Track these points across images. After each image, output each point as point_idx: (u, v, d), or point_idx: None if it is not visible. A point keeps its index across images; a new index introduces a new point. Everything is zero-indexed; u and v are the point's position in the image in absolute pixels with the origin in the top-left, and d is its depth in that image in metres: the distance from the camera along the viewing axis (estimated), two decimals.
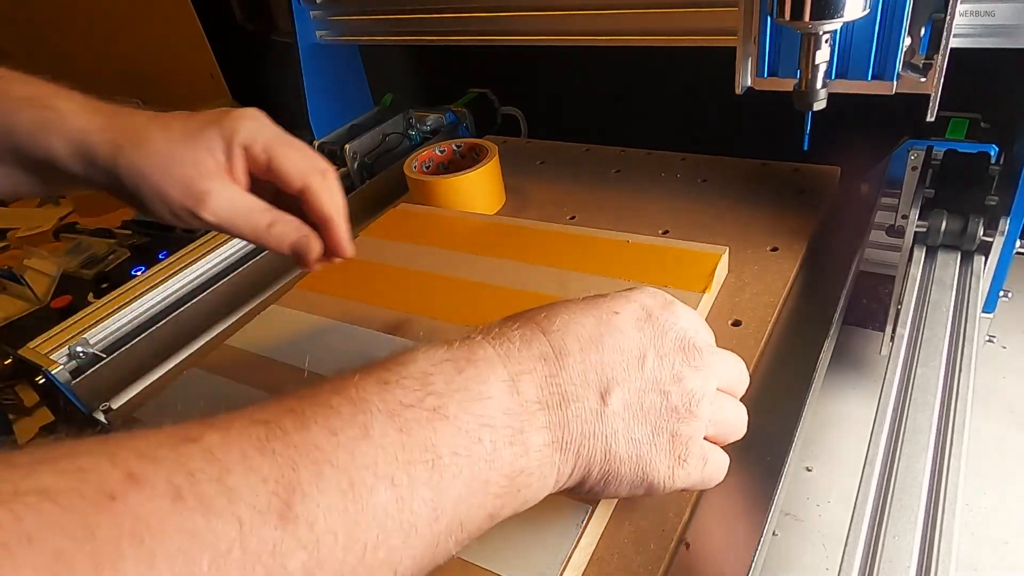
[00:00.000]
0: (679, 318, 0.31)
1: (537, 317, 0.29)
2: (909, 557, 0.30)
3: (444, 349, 0.27)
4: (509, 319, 0.30)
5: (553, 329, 0.29)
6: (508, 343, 0.28)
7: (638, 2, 0.55)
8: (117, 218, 1.05)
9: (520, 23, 0.62)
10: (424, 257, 0.55)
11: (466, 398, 0.25)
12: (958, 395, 0.37)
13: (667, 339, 0.30)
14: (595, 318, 0.29)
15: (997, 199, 0.46)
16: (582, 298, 0.31)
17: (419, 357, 0.26)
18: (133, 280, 0.61)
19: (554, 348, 0.28)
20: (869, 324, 0.59)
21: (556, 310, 0.30)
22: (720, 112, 0.59)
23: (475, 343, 0.28)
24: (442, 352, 0.27)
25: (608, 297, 0.31)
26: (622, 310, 0.30)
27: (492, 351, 0.27)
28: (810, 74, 0.40)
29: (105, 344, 0.54)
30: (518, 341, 0.28)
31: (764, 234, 0.52)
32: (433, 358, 0.26)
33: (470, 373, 0.26)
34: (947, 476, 0.33)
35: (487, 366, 0.27)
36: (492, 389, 0.26)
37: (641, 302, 0.30)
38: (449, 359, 0.26)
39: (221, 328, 0.56)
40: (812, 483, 0.48)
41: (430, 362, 0.26)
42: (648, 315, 0.30)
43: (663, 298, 0.31)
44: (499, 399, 0.26)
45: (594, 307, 0.30)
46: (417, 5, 0.67)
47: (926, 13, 0.38)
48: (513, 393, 0.26)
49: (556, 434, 0.27)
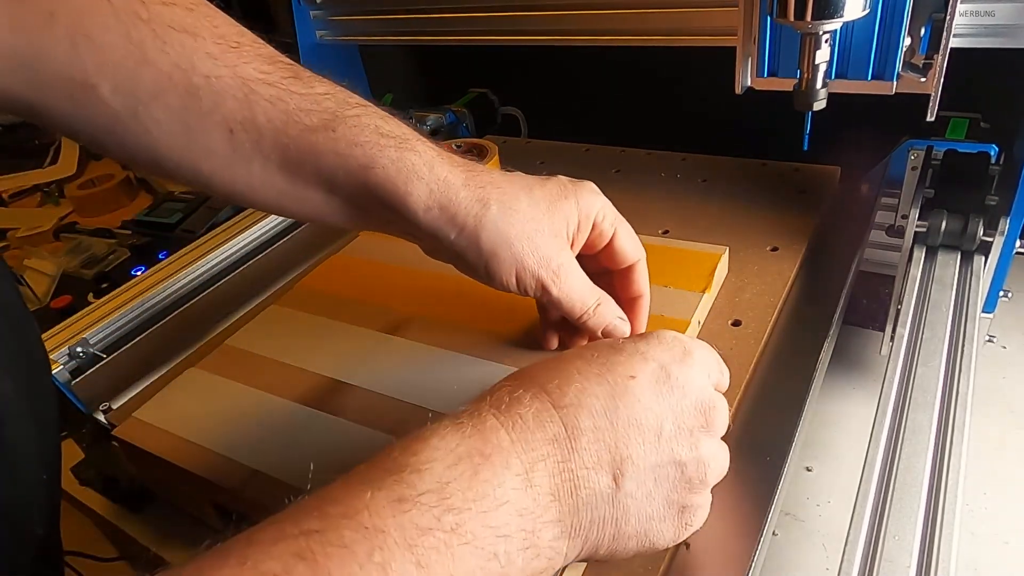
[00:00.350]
0: (697, 372, 0.30)
1: (548, 385, 0.28)
2: (909, 557, 0.30)
3: (458, 434, 0.26)
4: (519, 383, 0.29)
5: (565, 403, 0.28)
6: (521, 423, 0.27)
7: (638, 2, 0.55)
8: (117, 218, 1.05)
9: (520, 23, 0.62)
10: (424, 257, 0.55)
11: (483, 508, 0.25)
12: (958, 395, 0.37)
13: (686, 403, 0.29)
14: (610, 386, 0.28)
15: (997, 199, 0.46)
16: (597, 354, 0.30)
17: (434, 457, 0.25)
18: (133, 280, 0.61)
19: (567, 427, 0.27)
20: (869, 324, 0.59)
21: (569, 376, 0.29)
22: (720, 112, 0.59)
23: (487, 426, 0.27)
24: (455, 438, 0.26)
25: (624, 354, 0.30)
26: (639, 373, 0.29)
27: (505, 437, 0.27)
28: (810, 74, 0.40)
29: (105, 344, 0.54)
30: (531, 420, 0.27)
31: (764, 234, 0.52)
32: (448, 455, 0.25)
33: (486, 475, 0.25)
34: (947, 476, 0.33)
35: (501, 461, 0.26)
36: (508, 492, 0.25)
37: (659, 360, 0.30)
38: (465, 455, 0.25)
39: (221, 328, 0.57)
40: (812, 483, 0.48)
41: (445, 463, 0.25)
42: (667, 375, 0.29)
43: (681, 348, 0.31)
44: (514, 501, 0.25)
45: (609, 371, 0.29)
46: (417, 5, 0.67)
47: (926, 13, 0.38)
48: (527, 487, 0.26)
49: (566, 524, 0.27)
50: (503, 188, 0.36)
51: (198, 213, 0.90)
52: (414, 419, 0.40)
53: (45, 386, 0.39)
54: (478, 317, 0.47)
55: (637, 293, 0.41)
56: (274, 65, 0.34)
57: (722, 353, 0.42)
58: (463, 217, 0.35)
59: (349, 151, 0.34)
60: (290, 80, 0.34)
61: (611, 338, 0.33)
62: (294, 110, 0.33)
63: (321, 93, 0.34)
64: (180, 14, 0.32)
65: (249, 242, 0.66)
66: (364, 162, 0.34)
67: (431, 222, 0.35)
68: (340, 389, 0.44)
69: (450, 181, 0.35)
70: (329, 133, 0.34)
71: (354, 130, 0.34)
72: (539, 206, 0.36)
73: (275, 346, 0.49)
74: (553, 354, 0.42)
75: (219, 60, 0.32)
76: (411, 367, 0.44)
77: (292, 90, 0.34)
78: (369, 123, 0.35)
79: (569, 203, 0.37)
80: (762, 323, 0.44)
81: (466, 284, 0.51)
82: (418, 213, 0.35)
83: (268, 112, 0.33)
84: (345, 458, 0.39)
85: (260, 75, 0.33)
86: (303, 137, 0.34)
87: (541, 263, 0.36)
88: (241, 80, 0.33)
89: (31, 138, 1.37)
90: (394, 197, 0.34)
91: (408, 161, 0.34)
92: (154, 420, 0.45)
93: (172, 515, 0.49)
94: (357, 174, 0.34)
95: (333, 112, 0.34)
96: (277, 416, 0.43)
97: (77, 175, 1.24)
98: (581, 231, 0.38)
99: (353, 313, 0.50)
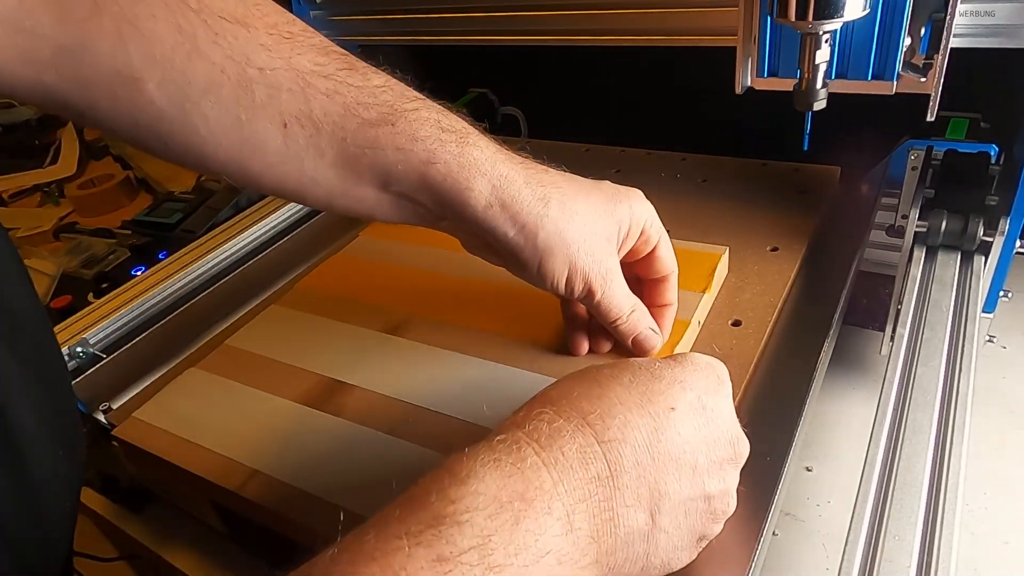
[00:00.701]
0: (727, 402, 0.30)
1: (590, 416, 0.27)
2: (909, 557, 0.30)
3: (497, 474, 0.25)
4: (557, 409, 0.28)
5: (608, 438, 0.27)
6: (563, 460, 0.26)
7: (638, 2, 0.55)
8: (117, 218, 1.05)
9: (520, 23, 0.62)
10: (424, 257, 0.55)
11: (525, 561, 0.23)
12: (958, 395, 0.37)
13: (719, 434, 0.29)
14: (652, 418, 0.28)
15: (997, 199, 0.46)
16: (634, 380, 0.29)
17: (475, 506, 0.23)
18: (133, 280, 0.61)
19: (610, 465, 0.26)
20: (869, 324, 0.59)
21: (611, 406, 0.28)
22: (720, 112, 0.59)
23: (527, 464, 0.25)
24: (495, 480, 0.24)
25: (663, 382, 0.29)
26: (678, 404, 0.28)
27: (547, 477, 0.25)
28: (810, 74, 0.40)
29: (105, 344, 0.54)
30: (574, 457, 0.26)
31: (764, 234, 0.52)
32: (489, 503, 0.24)
33: (528, 524, 0.24)
34: (947, 476, 0.33)
35: (543, 507, 0.24)
36: (549, 541, 0.24)
37: (696, 390, 0.29)
38: (506, 501, 0.24)
39: (221, 328, 0.56)
40: (812, 483, 0.48)
41: (487, 512, 0.23)
42: (703, 407, 0.29)
43: (715, 377, 0.30)
44: (556, 550, 0.24)
45: (650, 402, 0.28)
46: (417, 5, 0.67)
47: (926, 13, 0.38)
48: (568, 532, 0.25)
49: (602, 564, 0.26)
50: (562, 188, 0.36)
51: (198, 213, 0.90)
52: (414, 419, 0.40)
53: (70, 411, 0.37)
54: (478, 317, 0.47)
55: (667, 302, 0.41)
56: (328, 56, 0.33)
57: (722, 353, 0.42)
58: (524, 215, 0.34)
59: (410, 146, 0.33)
60: (346, 72, 0.33)
61: (643, 358, 0.32)
62: (352, 103, 0.32)
63: (378, 85, 0.34)
64: (231, 3, 0.31)
65: (249, 242, 0.66)
66: (425, 157, 0.33)
67: (490, 219, 0.34)
68: (340, 389, 0.44)
69: (511, 178, 0.34)
70: (389, 127, 0.33)
71: (414, 124, 0.33)
72: (596, 209, 0.36)
73: (275, 346, 0.49)
74: (568, 359, 0.42)
75: (273, 52, 0.31)
76: (411, 367, 0.44)
77: (349, 82, 0.33)
78: (429, 117, 0.34)
79: (623, 208, 0.37)
80: (762, 323, 0.44)
81: (466, 284, 0.51)
82: (477, 210, 0.34)
83: (325, 105, 0.32)
84: (345, 458, 0.39)
85: (315, 67, 0.32)
86: (361, 131, 0.33)
87: (593, 266, 0.36)
88: (296, 72, 0.31)
89: (31, 138, 1.37)
90: (453, 193, 0.34)
91: (470, 157, 0.34)
92: (154, 420, 0.45)
93: (172, 515, 0.49)
94: (416, 169, 0.33)
95: (392, 106, 0.33)
96: (277, 416, 0.43)
97: (77, 175, 1.24)
98: (630, 237, 0.38)
99: (353, 313, 0.50)
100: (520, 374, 0.42)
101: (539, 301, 0.47)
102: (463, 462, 0.25)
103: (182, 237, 0.85)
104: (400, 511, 0.24)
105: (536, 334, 0.45)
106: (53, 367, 0.36)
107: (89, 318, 0.56)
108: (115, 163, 1.21)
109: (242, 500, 0.38)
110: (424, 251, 0.56)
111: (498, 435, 0.27)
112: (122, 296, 0.58)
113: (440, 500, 0.24)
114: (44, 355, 0.35)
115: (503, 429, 0.27)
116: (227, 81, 0.30)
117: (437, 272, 0.53)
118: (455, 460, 0.25)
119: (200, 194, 0.95)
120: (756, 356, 0.42)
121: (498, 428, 0.28)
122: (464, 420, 0.40)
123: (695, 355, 0.31)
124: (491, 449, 0.26)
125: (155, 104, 0.30)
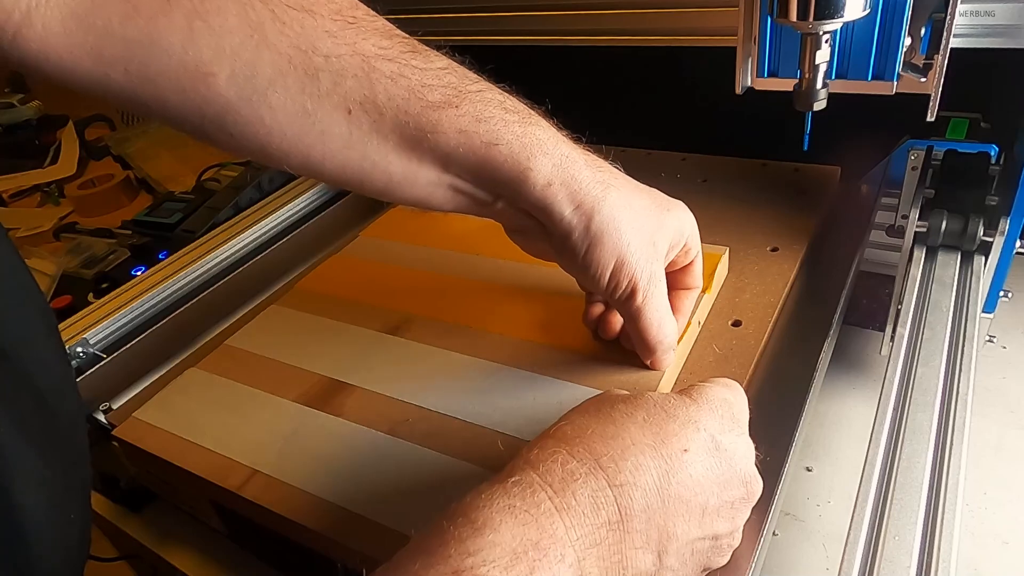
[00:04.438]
0: (743, 440, 0.30)
1: (603, 459, 0.27)
2: (909, 557, 0.30)
3: (512, 521, 0.25)
4: (571, 449, 0.27)
5: (620, 482, 0.27)
6: (575, 505, 0.26)
7: (638, 2, 0.55)
8: (117, 218, 1.05)
9: (520, 23, 0.62)
10: (424, 257, 0.55)
11: None
12: (958, 395, 0.37)
13: (731, 475, 0.29)
14: (664, 460, 0.27)
15: (997, 199, 0.46)
16: (648, 418, 0.29)
17: (491, 558, 0.24)
18: (133, 280, 0.61)
19: (621, 509, 0.26)
20: (869, 324, 0.59)
21: (623, 447, 0.27)
22: (720, 112, 0.59)
23: (541, 511, 0.25)
24: (510, 529, 0.24)
25: (677, 422, 0.29)
26: (691, 445, 0.28)
27: (560, 524, 0.25)
28: (810, 74, 0.40)
29: (105, 344, 0.54)
30: (586, 502, 0.26)
31: (764, 234, 0.52)
32: (504, 555, 0.24)
33: (542, 574, 0.24)
34: (947, 476, 0.33)
35: (556, 554, 0.25)
36: None
37: (710, 430, 0.29)
38: (521, 551, 0.24)
39: (221, 328, 0.57)
40: (812, 483, 0.48)
41: (502, 565, 0.24)
42: (716, 447, 0.29)
43: (729, 415, 0.30)
44: None
45: (663, 443, 0.28)
46: (418, 5, 0.67)
47: (926, 13, 0.38)
48: None
49: None
50: (620, 179, 0.36)
51: (198, 213, 0.90)
52: (414, 419, 0.40)
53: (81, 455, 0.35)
54: (478, 317, 0.47)
55: (681, 312, 0.41)
56: (392, 39, 0.33)
57: (722, 353, 0.42)
58: (583, 195, 0.34)
59: (474, 128, 0.33)
60: (410, 55, 0.33)
61: (659, 393, 0.31)
62: (416, 86, 0.32)
63: (442, 67, 0.33)
64: None
65: (249, 242, 0.66)
66: (488, 139, 0.33)
67: (549, 197, 0.34)
68: (340, 389, 0.44)
69: (574, 158, 0.34)
70: (453, 110, 0.33)
71: (479, 106, 0.33)
72: (649, 211, 0.36)
73: (275, 346, 0.49)
74: (568, 359, 0.42)
75: (338, 38, 0.31)
76: (411, 367, 0.44)
77: (413, 64, 0.32)
78: (493, 98, 0.34)
79: (672, 216, 0.37)
80: (762, 323, 0.44)
81: (466, 284, 0.51)
82: (536, 187, 0.34)
83: (389, 89, 0.32)
84: (345, 458, 0.39)
85: (379, 51, 0.32)
86: (424, 114, 0.32)
87: (641, 265, 0.35)
88: (361, 57, 0.31)
89: (31, 138, 1.38)
90: (514, 172, 0.33)
91: (533, 136, 0.34)
92: (154, 420, 0.45)
93: (172, 515, 0.49)
94: (478, 151, 0.33)
95: (456, 87, 0.33)
96: (277, 416, 0.43)
97: (77, 175, 1.24)
98: (673, 248, 0.38)
99: (353, 313, 0.50)
100: (520, 374, 0.42)
101: (539, 301, 0.47)
102: (479, 508, 0.25)
103: (182, 237, 0.85)
104: (419, 564, 0.24)
105: (537, 334, 0.45)
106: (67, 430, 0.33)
107: (89, 318, 0.56)
108: (115, 163, 1.21)
109: (242, 500, 0.38)
110: (424, 251, 0.56)
111: (512, 476, 0.27)
112: (122, 296, 0.58)
113: (458, 554, 0.24)
114: (59, 421, 0.32)
115: (517, 468, 0.27)
116: (293, 71, 0.30)
117: (437, 272, 0.53)
118: (472, 504, 0.26)
119: (200, 194, 0.95)
120: (756, 356, 0.42)
121: (513, 466, 0.28)
122: (464, 420, 0.40)
123: (711, 390, 0.31)
124: (506, 493, 0.26)
125: (223, 96, 0.29)
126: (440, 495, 0.35)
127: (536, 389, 0.41)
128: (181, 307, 0.57)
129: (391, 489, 0.36)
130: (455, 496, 0.27)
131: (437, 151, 0.33)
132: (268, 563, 0.45)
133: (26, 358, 0.29)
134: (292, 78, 0.30)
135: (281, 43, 0.30)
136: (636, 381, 0.40)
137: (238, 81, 0.29)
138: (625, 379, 0.40)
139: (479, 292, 0.50)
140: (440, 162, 0.34)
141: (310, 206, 0.71)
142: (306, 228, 0.68)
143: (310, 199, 0.72)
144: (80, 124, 1.36)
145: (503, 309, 0.48)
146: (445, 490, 0.36)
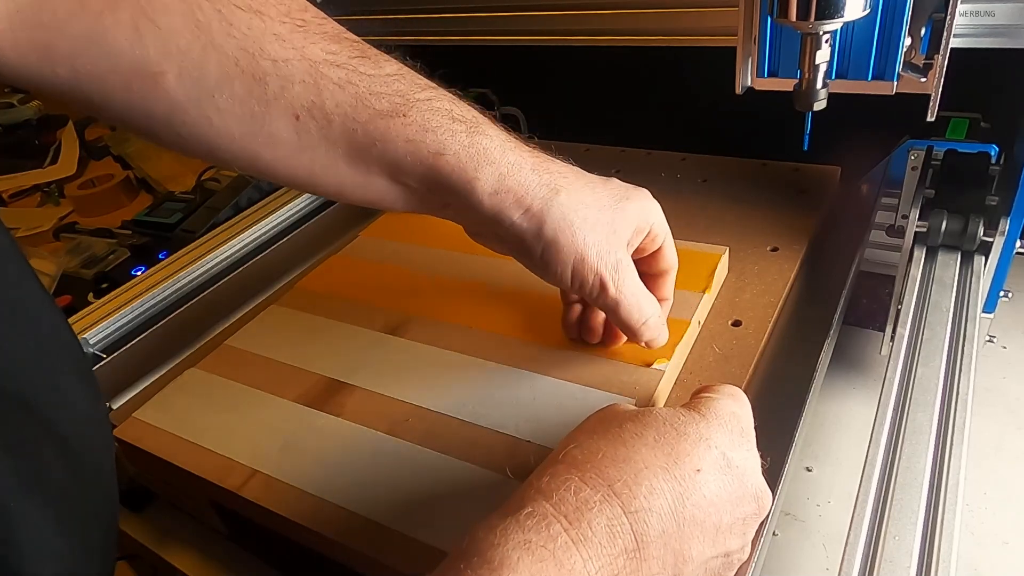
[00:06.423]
0: (752, 454, 0.30)
1: (616, 485, 0.27)
2: (909, 557, 0.30)
3: (529, 559, 0.24)
4: (583, 476, 0.27)
5: (635, 508, 0.26)
6: (591, 535, 0.25)
7: (638, 2, 0.55)
8: (117, 218, 1.05)
9: (520, 23, 0.62)
10: (424, 257, 0.55)
11: None
12: (958, 395, 0.37)
13: (743, 491, 0.29)
14: (678, 482, 0.27)
15: (997, 199, 0.46)
16: (659, 438, 0.28)
17: None
18: (133, 280, 0.61)
19: (636, 536, 0.26)
20: (869, 324, 0.59)
21: (636, 471, 0.27)
22: (720, 112, 0.59)
23: (557, 544, 0.25)
24: (528, 568, 0.24)
25: (688, 441, 0.28)
26: (703, 465, 0.28)
27: (578, 558, 0.25)
28: (810, 74, 0.40)
29: (105, 344, 0.54)
30: (602, 531, 0.25)
31: (764, 234, 0.52)
32: None
33: None
34: (947, 476, 0.33)
35: None
36: None
37: (721, 447, 0.29)
38: None
39: (221, 328, 0.56)
40: (812, 483, 0.48)
41: None
42: (728, 464, 0.28)
43: (738, 429, 0.30)
44: None
45: (675, 464, 0.28)
46: (417, 5, 0.67)
47: (926, 13, 0.38)
48: None
49: None
50: (570, 179, 0.36)
51: (198, 213, 0.90)
52: (414, 419, 0.40)
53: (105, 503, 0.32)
54: (478, 317, 0.47)
55: (664, 297, 0.41)
56: (340, 43, 0.32)
57: (722, 353, 0.42)
58: (530, 200, 0.34)
59: (420, 137, 0.33)
60: (358, 60, 0.32)
61: (666, 409, 0.30)
62: (364, 94, 0.32)
63: (390, 74, 0.33)
64: None
65: (249, 242, 0.66)
66: (435, 149, 0.33)
67: (496, 204, 0.34)
68: (340, 389, 0.44)
69: (520, 165, 0.34)
70: (401, 119, 0.32)
71: (426, 115, 0.33)
72: (604, 203, 0.36)
73: (275, 346, 0.49)
74: (567, 360, 0.42)
75: (287, 42, 0.30)
76: (411, 367, 0.44)
77: (362, 71, 0.32)
78: (441, 107, 0.34)
79: (632, 205, 0.37)
80: (762, 323, 0.44)
81: (466, 284, 0.51)
82: (483, 198, 0.34)
83: (337, 96, 0.31)
84: (345, 458, 0.39)
85: (328, 55, 0.31)
86: (373, 123, 0.32)
87: (601, 257, 0.35)
88: (309, 63, 0.31)
89: (31, 138, 1.37)
90: (461, 183, 0.33)
91: (480, 145, 0.34)
92: (154, 420, 0.45)
93: (172, 515, 0.49)
94: (425, 160, 0.33)
95: (404, 95, 0.33)
96: (277, 416, 0.43)
97: (77, 175, 1.24)
98: (637, 234, 0.38)
99: (353, 313, 0.50)
100: (521, 374, 0.42)
101: (539, 301, 0.47)
102: (495, 546, 0.25)
103: (182, 237, 0.85)
104: None
105: (536, 334, 0.45)
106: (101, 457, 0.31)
107: (89, 318, 0.56)
108: (115, 163, 1.21)
109: (242, 500, 0.38)
110: (424, 251, 0.56)
111: (525, 507, 0.26)
112: (122, 296, 0.58)
113: None
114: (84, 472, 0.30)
115: (528, 498, 0.27)
116: (240, 74, 0.30)
117: (437, 272, 0.53)
118: (486, 541, 0.25)
119: (200, 194, 0.95)
120: (756, 356, 0.42)
121: (523, 496, 0.27)
122: (464, 420, 0.40)
123: (720, 404, 0.30)
124: (520, 527, 0.25)
125: (171, 97, 0.29)
126: (440, 495, 0.35)
127: (536, 388, 0.41)
128: (181, 307, 0.57)
129: (391, 489, 0.36)
130: (455, 496, 0.27)
131: (386, 159, 0.33)
132: (268, 563, 0.45)
133: (51, 404, 0.28)
134: (239, 81, 0.30)
135: (228, 45, 0.29)
136: (636, 380, 0.40)
137: (186, 82, 0.29)
138: (625, 378, 0.40)
139: (479, 292, 0.50)
140: (389, 170, 0.34)
141: (310, 206, 0.71)
142: (306, 228, 0.68)
143: (310, 199, 0.72)
144: (80, 124, 1.36)
145: (503, 309, 0.48)
146: (444, 490, 0.36)
